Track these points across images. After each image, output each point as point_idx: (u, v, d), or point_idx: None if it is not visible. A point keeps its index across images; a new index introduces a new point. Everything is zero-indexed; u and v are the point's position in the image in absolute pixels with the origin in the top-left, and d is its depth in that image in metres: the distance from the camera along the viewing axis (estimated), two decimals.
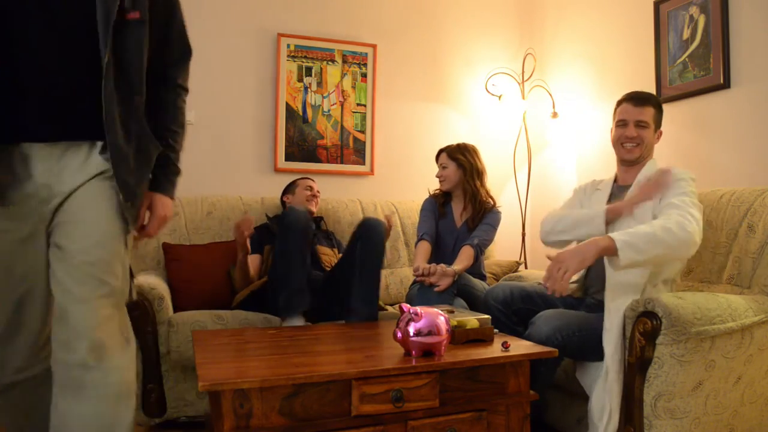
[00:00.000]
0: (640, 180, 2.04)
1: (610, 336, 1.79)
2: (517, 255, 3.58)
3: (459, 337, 1.77)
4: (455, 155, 2.72)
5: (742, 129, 2.45)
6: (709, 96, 2.57)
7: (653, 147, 2.10)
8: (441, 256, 2.63)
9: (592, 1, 3.32)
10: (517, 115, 3.59)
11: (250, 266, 2.55)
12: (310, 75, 3.35)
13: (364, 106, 3.46)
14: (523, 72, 3.64)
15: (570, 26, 3.50)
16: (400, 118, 3.56)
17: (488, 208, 2.71)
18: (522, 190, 3.62)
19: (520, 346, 1.74)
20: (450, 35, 3.68)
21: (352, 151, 3.44)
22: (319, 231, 2.86)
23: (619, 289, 1.86)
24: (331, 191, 3.24)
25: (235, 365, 1.53)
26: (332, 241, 2.88)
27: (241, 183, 3.19)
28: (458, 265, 2.48)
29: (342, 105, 3.42)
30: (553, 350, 1.72)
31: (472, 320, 1.82)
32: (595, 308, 2.05)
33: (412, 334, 1.56)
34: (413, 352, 1.57)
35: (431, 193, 2.85)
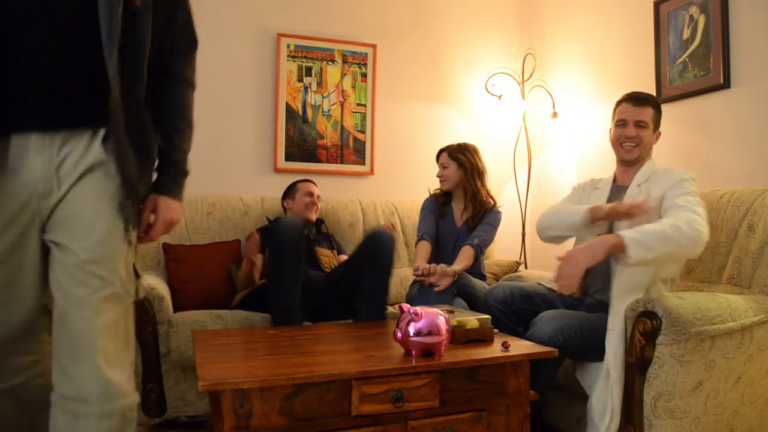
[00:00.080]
0: (639, 182, 2.05)
1: (612, 336, 1.79)
2: (517, 255, 3.58)
3: (459, 337, 1.77)
4: (456, 155, 2.72)
5: (742, 129, 2.45)
6: (709, 96, 2.57)
7: (652, 147, 2.11)
8: (441, 256, 2.63)
9: (592, 1, 3.32)
10: (517, 115, 3.59)
11: (255, 273, 2.56)
12: (310, 75, 3.35)
13: (364, 106, 3.46)
14: (523, 72, 3.64)
15: (570, 26, 3.50)
16: (400, 118, 3.56)
17: (488, 208, 2.71)
18: (522, 190, 3.62)
19: (520, 346, 1.74)
20: (450, 35, 3.68)
21: (352, 151, 3.44)
22: (319, 234, 2.87)
23: (625, 290, 1.86)
24: (331, 191, 3.24)
25: (235, 365, 1.53)
26: (332, 242, 2.88)
27: (241, 183, 3.19)
28: (458, 265, 2.48)
29: (342, 105, 3.42)
30: (553, 350, 1.72)
31: (472, 320, 1.82)
32: (595, 308, 2.05)
33: (412, 334, 1.56)
34: (413, 352, 1.57)
35: (431, 192, 2.85)
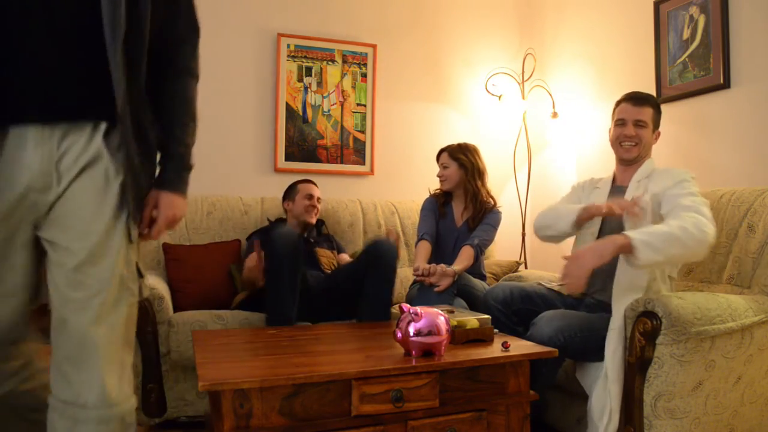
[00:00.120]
0: (638, 179, 2.05)
1: (611, 336, 1.79)
2: (517, 255, 3.58)
3: (459, 337, 1.77)
4: (457, 155, 2.72)
5: (742, 129, 2.45)
6: (709, 96, 2.57)
7: (651, 147, 2.11)
8: (441, 256, 2.63)
9: (592, 1, 3.32)
10: (517, 115, 3.59)
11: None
12: (310, 75, 3.35)
13: (364, 106, 3.46)
14: (523, 72, 3.64)
15: (570, 26, 3.50)
16: (400, 118, 3.56)
17: (489, 208, 2.71)
18: (522, 190, 3.62)
19: (520, 346, 1.74)
20: (450, 35, 3.68)
21: (352, 151, 3.44)
22: (319, 236, 2.86)
23: (624, 289, 1.85)
24: (331, 191, 3.24)
25: (235, 365, 1.53)
26: (332, 243, 2.88)
27: (241, 183, 3.19)
28: (458, 265, 2.48)
29: (342, 105, 3.42)
30: (553, 350, 1.72)
31: (472, 320, 1.82)
32: (595, 308, 2.05)
33: (412, 334, 1.56)
34: (413, 352, 1.57)
35: (431, 192, 2.84)
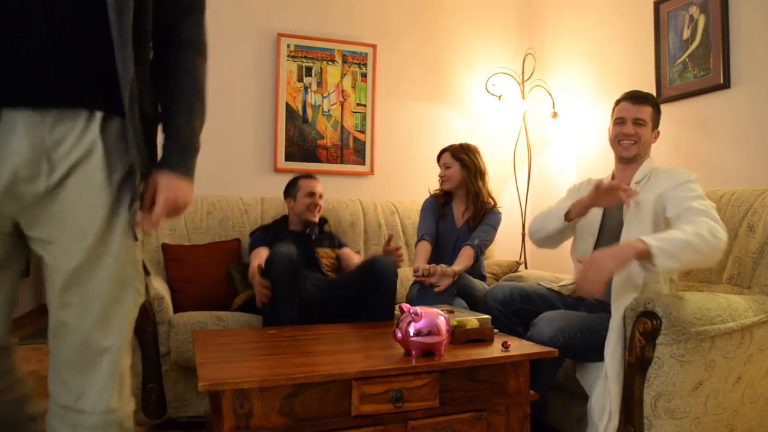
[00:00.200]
0: (638, 180, 2.04)
1: (611, 336, 1.79)
2: (517, 255, 3.58)
3: (459, 337, 1.77)
4: (459, 155, 2.72)
5: (742, 129, 2.44)
6: (709, 96, 2.57)
7: (650, 146, 2.10)
8: (441, 256, 2.63)
9: (592, 1, 3.32)
10: (517, 115, 3.59)
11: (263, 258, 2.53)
12: (310, 75, 3.35)
13: (364, 106, 3.46)
14: (523, 72, 3.64)
15: (570, 26, 3.50)
16: (400, 118, 3.56)
17: (489, 209, 2.71)
18: (522, 190, 3.62)
19: (520, 346, 1.74)
20: (450, 35, 3.68)
21: (352, 151, 3.44)
22: (321, 234, 2.86)
23: (623, 289, 1.85)
24: (331, 191, 3.23)
25: (235, 365, 1.53)
26: (334, 240, 2.88)
27: (241, 183, 3.19)
28: (458, 265, 2.48)
29: (342, 105, 3.42)
30: (553, 350, 1.72)
31: (472, 320, 1.82)
32: (595, 308, 2.05)
33: (412, 334, 1.56)
34: (413, 352, 1.58)
35: (431, 193, 2.84)
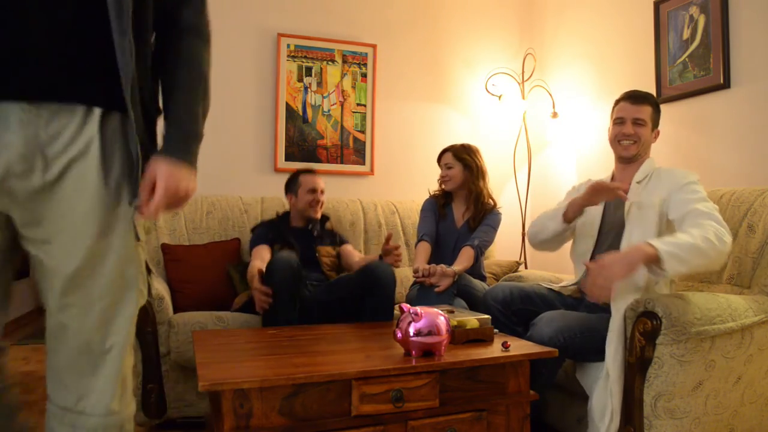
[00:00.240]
0: (638, 180, 2.04)
1: (612, 336, 1.79)
2: (517, 255, 3.58)
3: (459, 337, 1.77)
4: (461, 155, 2.71)
5: (742, 129, 2.44)
6: (709, 96, 2.57)
7: (650, 146, 2.10)
8: (441, 256, 2.63)
9: (592, 1, 3.32)
10: (517, 115, 3.59)
11: (264, 258, 2.52)
12: (310, 75, 3.35)
13: (364, 106, 3.46)
14: (523, 72, 3.64)
15: (570, 26, 3.50)
16: (400, 118, 3.56)
17: (489, 209, 2.71)
18: (522, 190, 3.62)
19: (520, 346, 1.74)
20: (450, 35, 3.68)
21: (352, 151, 3.44)
22: (323, 230, 2.86)
23: (624, 290, 1.84)
24: (331, 191, 3.22)
25: (235, 365, 1.53)
26: (335, 238, 2.87)
27: (241, 183, 3.19)
28: (458, 265, 2.48)
29: (342, 105, 3.42)
30: (553, 350, 1.72)
31: (472, 320, 1.82)
32: (595, 308, 2.05)
33: (412, 334, 1.56)
34: (413, 352, 1.58)
35: (431, 193, 2.84)
